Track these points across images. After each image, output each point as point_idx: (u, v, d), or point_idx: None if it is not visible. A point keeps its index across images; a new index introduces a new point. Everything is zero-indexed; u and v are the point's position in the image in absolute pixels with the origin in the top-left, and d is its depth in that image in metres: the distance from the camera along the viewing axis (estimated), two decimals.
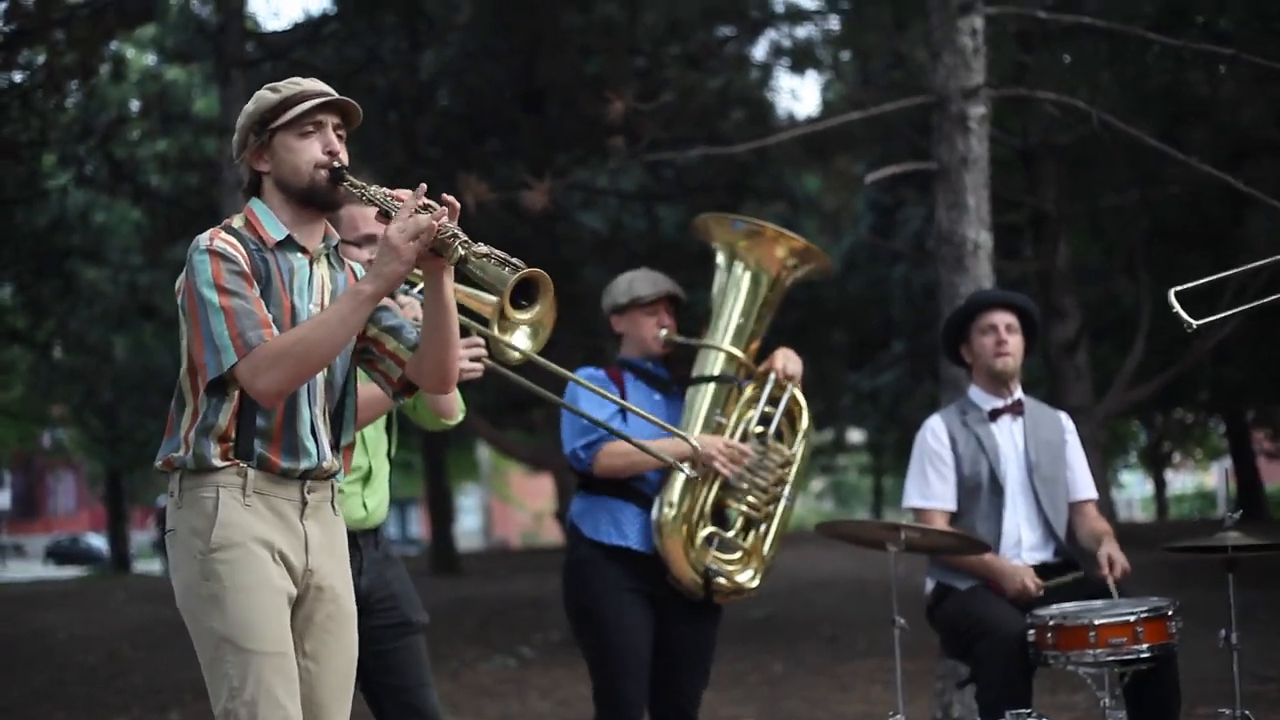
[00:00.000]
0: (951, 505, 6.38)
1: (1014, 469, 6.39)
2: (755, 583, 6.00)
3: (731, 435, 5.99)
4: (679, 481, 5.88)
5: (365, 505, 5.11)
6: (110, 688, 14.70)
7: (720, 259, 6.23)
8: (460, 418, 5.25)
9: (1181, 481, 55.94)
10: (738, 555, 5.95)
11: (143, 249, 17.94)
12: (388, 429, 5.28)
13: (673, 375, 6.18)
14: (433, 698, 5.26)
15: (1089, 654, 5.58)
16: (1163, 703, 5.87)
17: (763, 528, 6.01)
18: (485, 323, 4.68)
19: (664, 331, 6.08)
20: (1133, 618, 5.60)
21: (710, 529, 5.93)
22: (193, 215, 15.96)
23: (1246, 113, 11.40)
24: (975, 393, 6.55)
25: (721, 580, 5.91)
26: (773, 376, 6.05)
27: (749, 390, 6.08)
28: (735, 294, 6.16)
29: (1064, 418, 6.72)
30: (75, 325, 21.80)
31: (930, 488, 6.41)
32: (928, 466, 6.43)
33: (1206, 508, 46.46)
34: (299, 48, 15.79)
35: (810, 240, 6.37)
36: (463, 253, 3.95)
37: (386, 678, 5.17)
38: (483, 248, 3.98)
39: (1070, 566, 6.34)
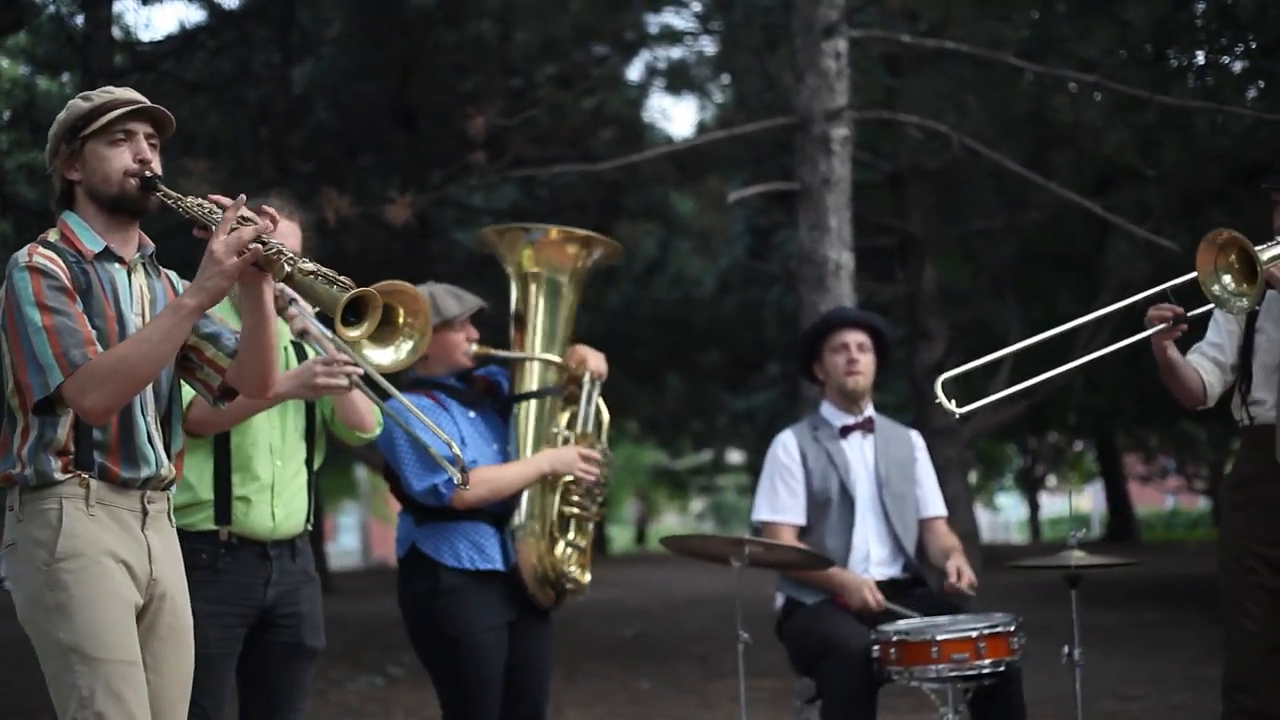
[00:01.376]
0: (801, 520, 6.43)
1: (864, 485, 6.45)
2: (588, 577, 6.00)
3: (576, 441, 5.98)
4: (531, 495, 5.85)
5: (274, 515, 5.08)
6: None
7: (512, 270, 6.14)
8: (379, 430, 5.30)
9: (1058, 505, 56.67)
10: (576, 555, 5.93)
11: None
12: (308, 437, 5.25)
13: (473, 390, 6.08)
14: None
15: (932, 669, 5.64)
16: (1006, 718, 5.93)
17: (591, 526, 6.03)
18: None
19: (473, 346, 5.97)
20: (974, 633, 5.66)
21: (563, 538, 5.90)
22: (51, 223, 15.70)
23: (1110, 139, 11.54)
24: (827, 409, 6.60)
25: (569, 584, 5.89)
26: (588, 377, 6.04)
27: (581, 393, 6.06)
28: (541, 301, 6.09)
29: (914, 436, 6.78)
30: None
31: (779, 501, 6.45)
32: (777, 481, 6.47)
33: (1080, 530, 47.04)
34: (169, 59, 15.62)
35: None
36: (288, 269, 3.94)
37: (261, 694, 5.18)
38: (309, 265, 3.99)
39: (918, 583, 6.40)
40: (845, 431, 6.51)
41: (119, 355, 3.94)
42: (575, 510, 5.93)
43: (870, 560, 6.37)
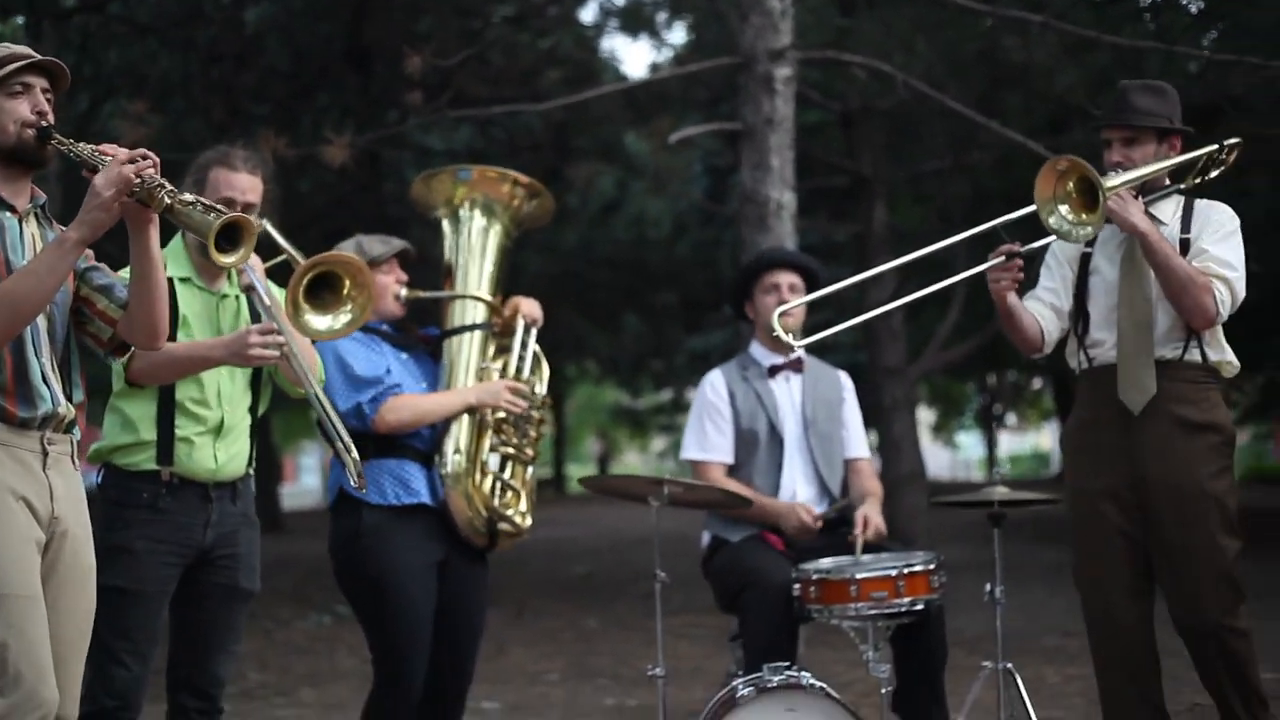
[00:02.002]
0: (729, 458, 6.47)
1: (791, 424, 6.49)
2: (529, 521, 5.97)
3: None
4: (461, 430, 5.82)
5: (216, 457, 5.12)
6: None
7: (445, 214, 6.16)
8: (320, 387, 5.24)
9: (1020, 442, 56.97)
10: (511, 496, 5.92)
11: None
12: (253, 385, 5.29)
13: (406, 334, 6.09)
14: (225, 664, 5.28)
15: (851, 608, 5.67)
16: (927, 656, 5.98)
17: (529, 467, 6.01)
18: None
19: (404, 290, 5.98)
20: (894, 572, 5.69)
21: (492, 474, 5.88)
22: None
23: (1061, 80, 11.54)
24: (756, 349, 6.63)
25: (505, 525, 5.87)
26: (521, 321, 6.05)
27: (514, 340, 6.06)
28: (474, 243, 6.10)
29: (843, 377, 6.80)
30: None
31: (707, 440, 6.48)
32: (705, 419, 6.50)
33: (1040, 468, 47.41)
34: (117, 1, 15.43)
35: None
36: (168, 201, 4.06)
37: (196, 634, 5.20)
38: (188, 196, 4.16)
39: (845, 522, 6.43)
40: (774, 371, 6.55)
41: (4, 289, 4.04)
42: (508, 449, 5.91)
43: (796, 499, 6.39)
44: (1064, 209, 5.13)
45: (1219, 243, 5.38)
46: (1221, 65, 10.13)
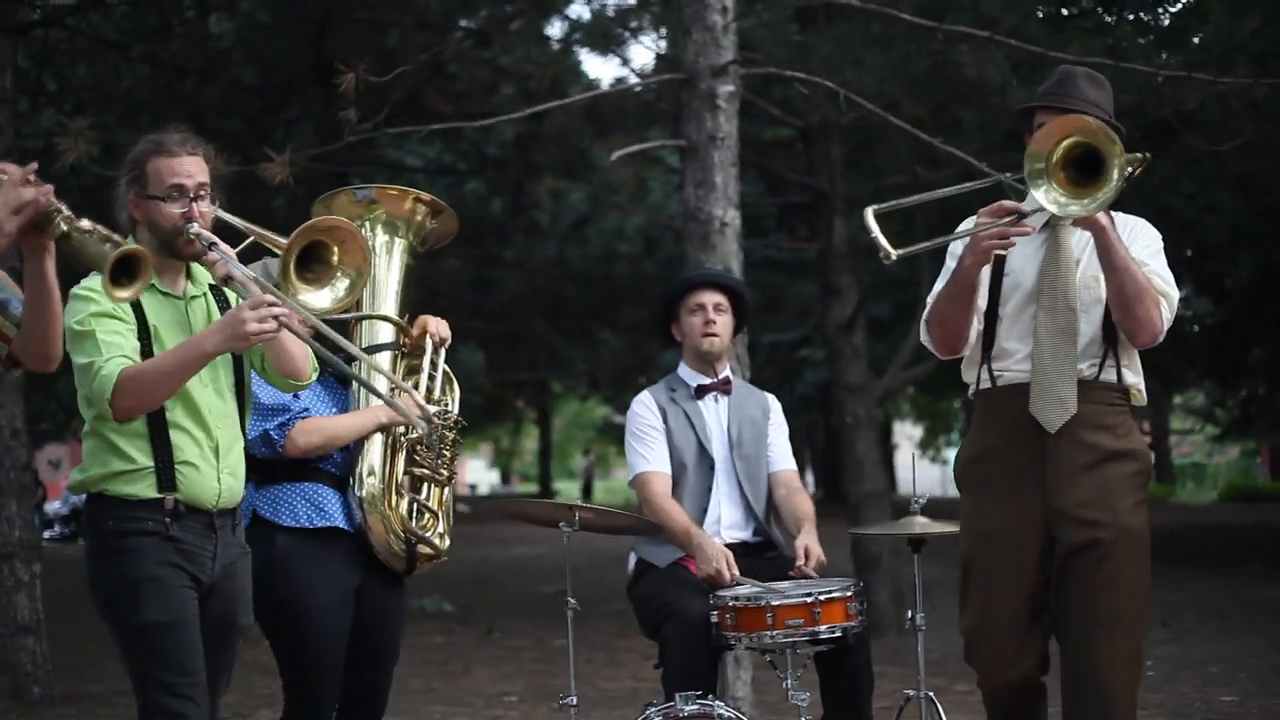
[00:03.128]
0: (668, 470, 6.36)
1: (719, 445, 6.40)
2: (447, 543, 5.84)
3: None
4: (374, 452, 5.68)
5: (220, 481, 4.78)
6: None
7: None
8: (314, 377, 5.04)
9: None
10: (429, 519, 5.79)
11: None
12: (238, 394, 4.94)
13: None
14: (219, 707, 4.97)
15: (768, 635, 5.58)
16: (850, 683, 5.89)
17: (445, 489, 5.87)
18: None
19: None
20: (810, 599, 5.58)
21: (409, 496, 5.75)
22: None
23: (1013, 96, 11.49)
24: (684, 370, 6.56)
25: (424, 547, 5.73)
26: (430, 340, 5.90)
27: (423, 360, 5.93)
28: (379, 262, 5.89)
29: (771, 399, 6.71)
30: None
31: (651, 452, 6.38)
32: (643, 436, 6.41)
33: None
34: (91, 13, 15.36)
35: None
36: (65, 228, 3.97)
37: None
38: (86, 224, 4.04)
39: (769, 546, 6.36)
40: (701, 392, 6.47)
41: None
42: (424, 471, 5.78)
43: (721, 524, 6.31)
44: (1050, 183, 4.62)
45: (1154, 257, 5.04)
46: (1174, 81, 10.06)
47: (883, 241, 4.79)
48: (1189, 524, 27.83)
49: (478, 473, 77.10)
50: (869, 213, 4.93)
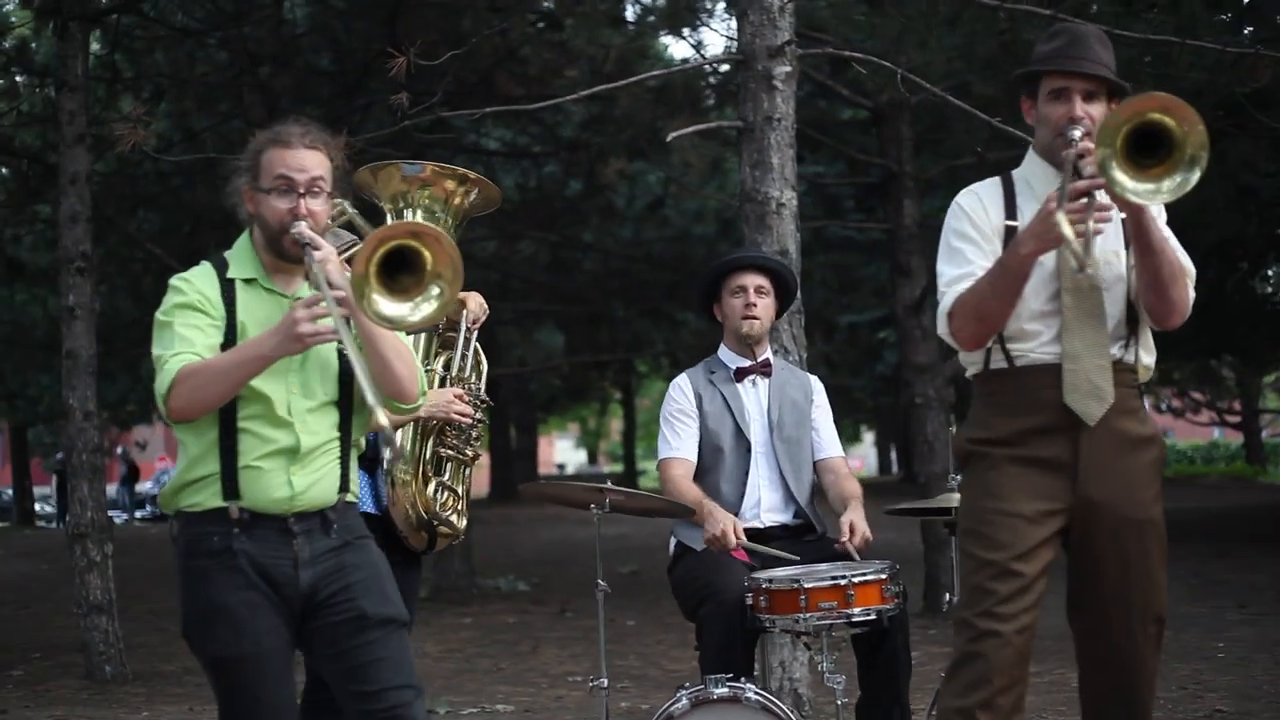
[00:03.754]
0: (691, 456, 6.34)
1: (758, 429, 6.36)
2: (464, 522, 5.85)
3: (452, 384, 5.83)
4: (405, 435, 5.69)
5: (291, 483, 4.41)
6: None
7: (389, 207, 5.90)
8: (423, 400, 4.69)
9: None
10: (449, 497, 5.80)
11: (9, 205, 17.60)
12: (341, 404, 4.55)
13: None
14: (413, 705, 4.45)
15: (800, 618, 5.54)
16: (888, 667, 5.85)
17: (467, 470, 5.86)
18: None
19: None
20: (844, 581, 5.54)
21: (436, 479, 5.75)
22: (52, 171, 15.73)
23: None
24: (724, 352, 6.54)
25: (443, 527, 5.75)
26: (465, 319, 5.88)
27: (458, 337, 5.91)
28: None
29: (814, 381, 6.68)
30: None
31: (678, 440, 6.37)
32: (674, 422, 6.40)
33: None
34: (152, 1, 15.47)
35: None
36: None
37: (348, 683, 4.44)
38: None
39: (809, 529, 6.33)
40: (740, 374, 6.44)
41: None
42: (450, 452, 5.80)
43: (761, 506, 6.28)
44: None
45: (1166, 229, 4.66)
46: (1245, 58, 9.90)
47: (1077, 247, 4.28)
48: (1275, 504, 27.54)
49: (565, 453, 77.33)
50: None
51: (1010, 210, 4.71)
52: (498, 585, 17.04)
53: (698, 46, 15.79)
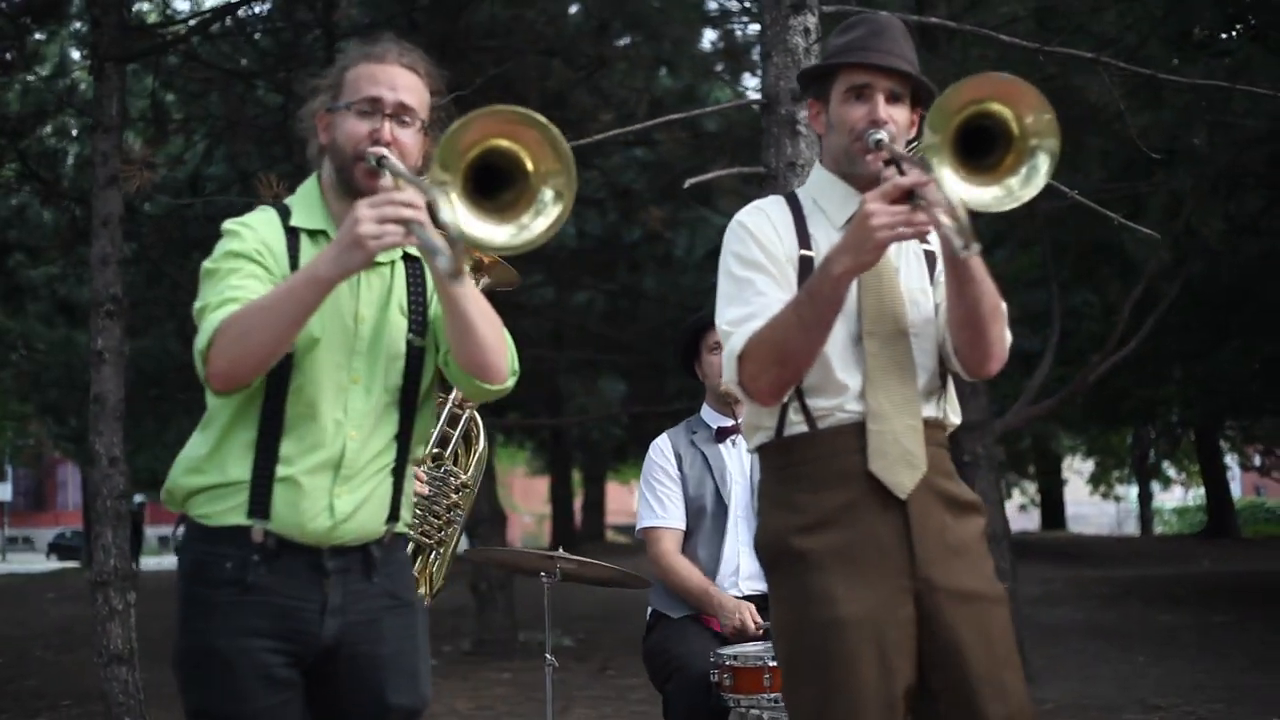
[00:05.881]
0: (682, 524, 6.01)
1: (739, 491, 6.01)
2: (422, 590, 5.38)
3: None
4: None
5: (332, 506, 3.55)
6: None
7: None
8: (513, 380, 3.71)
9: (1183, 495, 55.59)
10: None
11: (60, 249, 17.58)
12: (403, 403, 3.71)
13: None
14: None
15: (764, 698, 5.18)
16: None
17: (433, 554, 5.28)
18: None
19: None
20: None
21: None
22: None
23: (1137, 121, 11.00)
24: (706, 411, 6.21)
25: None
26: (452, 395, 5.27)
27: (446, 409, 5.43)
28: None
29: None
30: (19, 324, 21.66)
31: (658, 508, 6.06)
32: (656, 486, 6.09)
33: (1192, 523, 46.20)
34: (212, 39, 15.37)
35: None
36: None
37: None
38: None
39: None
40: (722, 435, 6.09)
41: None
42: (424, 539, 5.21)
43: (740, 574, 5.93)
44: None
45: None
46: None
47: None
48: None
49: (626, 501, 77.04)
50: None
51: (803, 238, 3.88)
52: (541, 640, 16.74)
53: (739, 92, 15.51)
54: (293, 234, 3.65)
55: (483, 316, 3.54)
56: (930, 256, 3.92)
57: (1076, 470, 50.71)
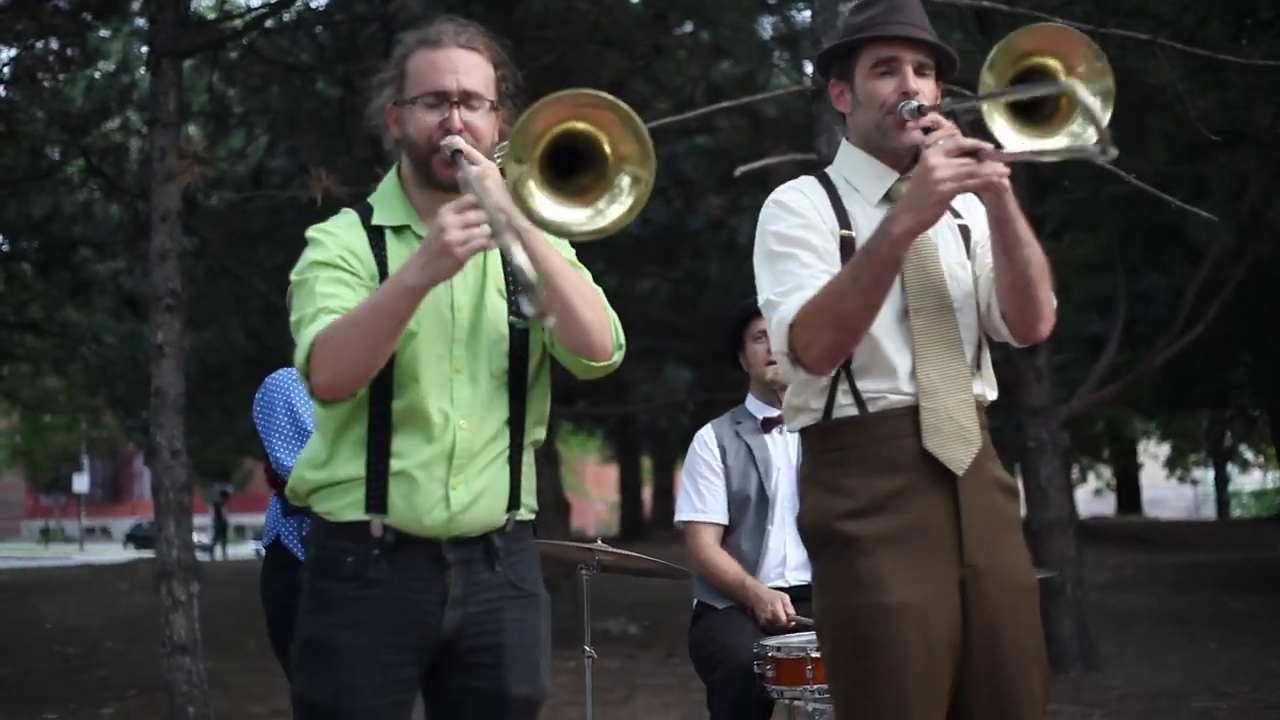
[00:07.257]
0: (723, 518, 5.96)
1: (784, 482, 5.94)
2: None
3: None
4: None
5: (449, 498, 3.54)
6: (67, 681, 14.63)
7: None
8: (619, 356, 3.64)
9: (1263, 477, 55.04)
10: None
11: (123, 243, 17.70)
12: (513, 389, 3.66)
13: None
14: None
15: (807, 690, 5.12)
16: None
17: None
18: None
19: None
20: None
21: None
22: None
23: (1199, 103, 10.86)
24: (751, 401, 6.16)
25: None
26: None
27: None
28: None
29: None
30: (87, 318, 21.88)
31: (699, 500, 6.01)
32: (697, 478, 6.04)
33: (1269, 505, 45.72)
34: (270, 33, 15.44)
35: None
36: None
37: None
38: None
39: None
40: (768, 425, 6.03)
41: None
42: None
43: (786, 565, 5.87)
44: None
45: None
46: None
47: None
48: None
49: None
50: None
51: (841, 217, 3.84)
52: (608, 628, 16.69)
53: (800, 79, 15.43)
54: (376, 233, 3.63)
55: (580, 297, 3.52)
56: (965, 231, 3.90)
57: (1152, 454, 50.28)
